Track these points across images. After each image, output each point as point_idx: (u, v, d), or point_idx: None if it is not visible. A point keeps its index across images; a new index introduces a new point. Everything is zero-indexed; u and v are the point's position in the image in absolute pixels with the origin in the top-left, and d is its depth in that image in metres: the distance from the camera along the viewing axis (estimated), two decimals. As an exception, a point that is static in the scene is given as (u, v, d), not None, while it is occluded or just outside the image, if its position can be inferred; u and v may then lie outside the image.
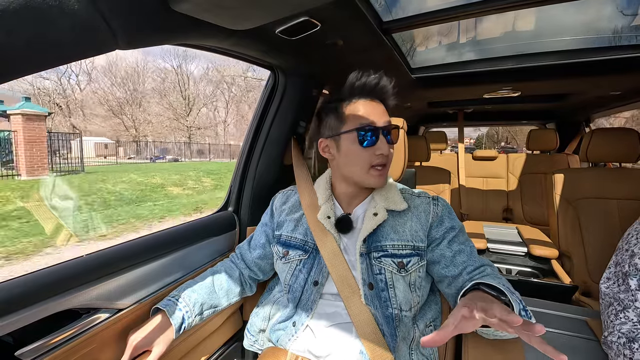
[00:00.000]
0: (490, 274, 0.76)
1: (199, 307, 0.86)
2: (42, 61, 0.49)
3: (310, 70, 1.20)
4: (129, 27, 0.57)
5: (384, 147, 0.80)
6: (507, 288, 0.66)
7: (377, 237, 0.82)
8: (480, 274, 0.77)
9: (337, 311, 0.83)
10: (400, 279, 0.79)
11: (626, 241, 0.82)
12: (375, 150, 0.80)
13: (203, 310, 0.88)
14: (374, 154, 0.80)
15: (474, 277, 0.75)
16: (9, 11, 0.40)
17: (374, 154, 0.80)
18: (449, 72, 1.78)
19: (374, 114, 0.81)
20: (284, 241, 0.92)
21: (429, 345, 0.50)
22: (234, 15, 0.69)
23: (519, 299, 0.66)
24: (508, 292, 0.64)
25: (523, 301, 0.68)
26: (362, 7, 0.86)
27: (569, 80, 1.85)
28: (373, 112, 0.81)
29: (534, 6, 0.96)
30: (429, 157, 2.75)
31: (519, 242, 2.16)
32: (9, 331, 0.59)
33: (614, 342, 0.72)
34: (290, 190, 1.03)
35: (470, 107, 2.96)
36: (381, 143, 0.80)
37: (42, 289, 0.65)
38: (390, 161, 0.84)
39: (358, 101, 0.83)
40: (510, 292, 0.65)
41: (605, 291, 0.80)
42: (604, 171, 1.84)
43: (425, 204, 0.85)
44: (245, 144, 1.26)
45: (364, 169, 0.81)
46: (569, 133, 3.11)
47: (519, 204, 3.09)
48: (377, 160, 0.80)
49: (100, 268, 0.75)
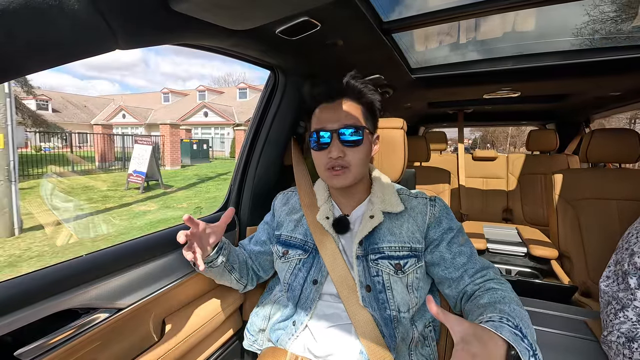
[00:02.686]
0: (493, 278, 0.76)
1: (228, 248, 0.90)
2: (42, 61, 0.49)
3: (310, 70, 1.20)
4: (129, 27, 0.57)
5: (334, 150, 0.80)
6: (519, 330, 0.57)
7: (374, 239, 0.82)
8: (483, 278, 0.77)
9: (337, 312, 0.83)
10: (398, 281, 0.79)
11: (626, 240, 0.82)
12: (327, 153, 0.81)
13: (230, 253, 0.90)
14: (327, 157, 0.81)
15: (476, 281, 0.75)
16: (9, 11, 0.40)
17: (327, 157, 0.81)
18: (449, 72, 1.78)
19: (328, 117, 0.83)
20: (283, 241, 0.93)
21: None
22: (234, 15, 0.69)
23: (529, 344, 0.55)
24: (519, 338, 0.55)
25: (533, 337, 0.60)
26: (362, 7, 0.86)
27: (569, 81, 1.85)
28: (329, 115, 0.83)
29: (534, 6, 0.96)
30: (429, 157, 2.75)
31: (518, 243, 2.16)
32: (8, 331, 0.59)
33: (613, 341, 0.72)
34: (291, 192, 1.03)
35: (470, 108, 2.96)
36: (333, 146, 0.80)
37: (42, 288, 0.65)
38: (356, 163, 0.82)
39: (319, 106, 0.86)
40: (521, 337, 0.55)
41: (605, 289, 0.80)
42: (603, 172, 1.84)
43: (422, 204, 0.85)
44: (245, 144, 1.25)
45: (320, 170, 0.85)
46: (568, 133, 3.11)
47: (518, 205, 3.09)
48: (329, 163, 0.81)
49: (100, 268, 0.75)
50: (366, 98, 0.86)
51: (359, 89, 0.85)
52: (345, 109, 0.83)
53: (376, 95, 0.88)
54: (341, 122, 0.81)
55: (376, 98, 0.88)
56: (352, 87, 0.85)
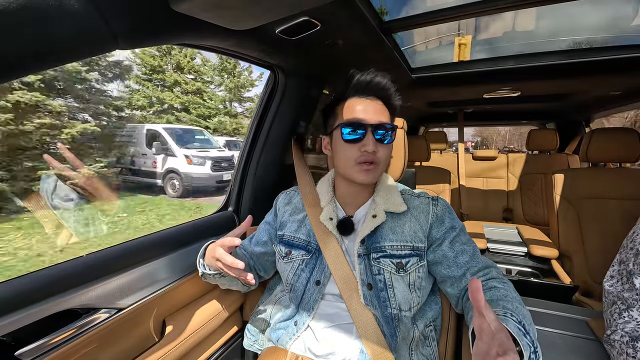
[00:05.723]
0: (496, 277, 0.76)
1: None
2: (42, 61, 0.49)
3: (310, 70, 1.20)
4: (129, 27, 0.57)
5: (369, 144, 0.78)
6: (522, 326, 0.59)
7: (376, 238, 0.82)
8: (485, 276, 0.77)
9: (338, 312, 0.83)
10: (400, 279, 0.79)
11: (631, 239, 0.81)
12: (360, 147, 0.79)
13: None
14: (359, 150, 0.79)
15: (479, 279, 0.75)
16: (9, 11, 0.40)
17: (359, 150, 0.79)
18: (448, 72, 1.77)
19: (363, 111, 0.81)
20: (286, 241, 0.92)
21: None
22: (234, 15, 0.69)
23: (531, 341, 0.58)
24: (522, 333, 0.57)
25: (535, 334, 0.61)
26: (362, 7, 0.86)
27: (569, 80, 1.85)
28: (363, 109, 0.81)
29: (533, 6, 0.96)
30: (429, 157, 2.75)
31: (519, 242, 2.16)
32: (8, 331, 0.59)
33: (617, 340, 0.71)
34: (293, 191, 1.03)
35: (470, 107, 2.96)
36: (367, 140, 0.79)
37: (43, 288, 0.65)
38: (384, 161, 0.82)
39: (351, 99, 0.84)
40: (523, 332, 0.58)
41: (609, 289, 0.80)
42: (604, 171, 1.84)
43: (425, 204, 0.85)
44: (246, 144, 1.25)
45: (349, 164, 0.82)
46: (569, 133, 3.11)
47: (519, 204, 3.09)
48: (362, 157, 0.79)
49: (100, 268, 0.75)
50: (394, 102, 0.86)
51: (391, 92, 0.85)
52: (379, 107, 0.82)
53: (400, 100, 0.88)
54: (377, 118, 0.80)
55: (400, 103, 0.88)
56: (388, 89, 0.84)
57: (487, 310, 0.51)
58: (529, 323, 0.62)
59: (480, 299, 0.51)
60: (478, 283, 0.52)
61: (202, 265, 0.88)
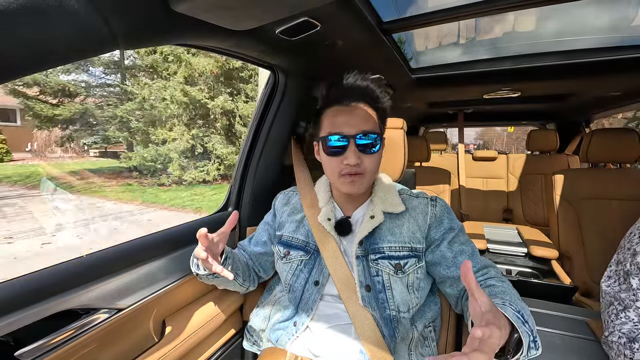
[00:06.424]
0: (494, 277, 0.76)
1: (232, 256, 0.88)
2: (42, 61, 0.49)
3: (310, 70, 1.20)
4: (129, 27, 0.57)
5: (351, 156, 0.75)
6: (521, 315, 0.59)
7: (375, 239, 0.82)
8: (484, 276, 0.77)
9: (338, 313, 0.83)
10: (398, 281, 0.79)
11: (628, 240, 0.81)
12: (342, 160, 0.77)
13: (233, 261, 0.87)
14: (342, 163, 0.77)
15: (477, 279, 0.75)
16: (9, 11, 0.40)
17: (342, 163, 0.77)
18: (448, 72, 1.78)
19: (344, 121, 0.77)
20: (285, 241, 0.92)
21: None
22: (234, 16, 0.69)
23: (530, 329, 0.58)
24: (520, 321, 0.58)
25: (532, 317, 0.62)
26: (362, 7, 0.86)
27: (569, 81, 1.85)
28: (344, 119, 0.77)
29: (534, 6, 0.96)
30: (429, 157, 2.75)
31: (519, 243, 2.16)
32: (9, 331, 0.59)
33: (615, 342, 0.71)
34: (292, 192, 1.03)
35: (470, 108, 2.96)
36: (349, 152, 0.76)
37: (42, 289, 0.64)
38: (371, 170, 0.80)
39: (331, 108, 0.81)
40: (522, 321, 0.58)
41: (606, 290, 0.80)
42: (604, 172, 1.84)
43: (424, 205, 0.85)
44: (246, 144, 1.25)
45: (334, 176, 0.81)
46: (569, 133, 3.11)
47: (519, 205, 3.09)
48: (345, 169, 0.77)
49: (101, 268, 0.75)
50: (382, 104, 0.83)
51: (376, 94, 0.82)
52: (362, 114, 0.78)
53: (389, 101, 0.85)
54: (359, 127, 0.76)
55: (389, 104, 0.85)
56: (371, 92, 0.81)
57: (478, 292, 0.51)
58: (528, 314, 0.62)
59: (470, 280, 0.51)
60: (468, 263, 0.52)
61: (196, 265, 0.87)
